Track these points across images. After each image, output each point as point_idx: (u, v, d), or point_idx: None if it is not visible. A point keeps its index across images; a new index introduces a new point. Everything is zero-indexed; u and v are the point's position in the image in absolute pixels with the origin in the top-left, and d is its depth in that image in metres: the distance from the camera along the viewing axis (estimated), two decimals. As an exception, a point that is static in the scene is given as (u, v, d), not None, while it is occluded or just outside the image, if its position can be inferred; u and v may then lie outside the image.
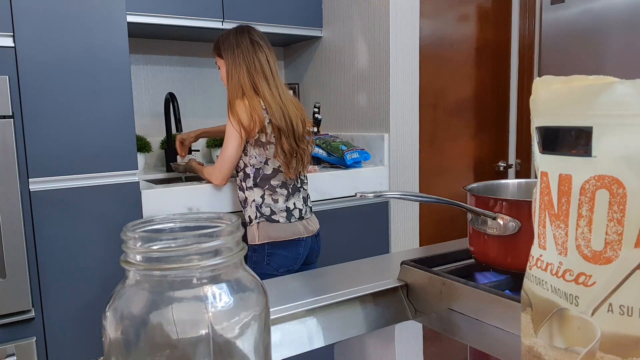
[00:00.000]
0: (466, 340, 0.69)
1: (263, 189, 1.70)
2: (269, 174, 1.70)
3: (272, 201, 1.70)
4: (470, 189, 0.83)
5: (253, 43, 1.70)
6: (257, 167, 1.69)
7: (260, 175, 1.70)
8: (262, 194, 1.70)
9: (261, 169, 1.69)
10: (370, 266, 0.94)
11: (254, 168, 1.69)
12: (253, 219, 1.71)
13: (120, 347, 0.38)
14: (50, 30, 1.52)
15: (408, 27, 2.21)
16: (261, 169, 1.69)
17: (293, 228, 1.72)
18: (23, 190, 1.51)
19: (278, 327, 0.71)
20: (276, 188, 1.71)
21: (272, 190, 1.70)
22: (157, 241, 0.39)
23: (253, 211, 1.71)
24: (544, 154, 0.40)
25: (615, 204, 0.34)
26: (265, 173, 1.70)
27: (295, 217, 1.74)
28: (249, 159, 1.69)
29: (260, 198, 1.70)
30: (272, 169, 1.70)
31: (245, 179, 1.72)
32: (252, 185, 1.70)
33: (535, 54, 2.59)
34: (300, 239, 1.74)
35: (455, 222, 2.54)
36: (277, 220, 1.70)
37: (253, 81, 1.67)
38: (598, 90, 0.35)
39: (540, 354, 0.40)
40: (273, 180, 1.70)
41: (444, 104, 2.48)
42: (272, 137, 1.67)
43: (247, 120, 1.63)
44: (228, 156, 1.70)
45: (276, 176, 1.71)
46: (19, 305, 1.51)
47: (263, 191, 1.70)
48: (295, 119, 1.70)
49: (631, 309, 0.34)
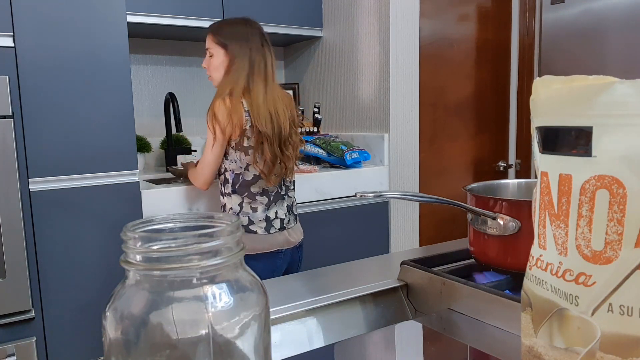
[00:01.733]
0: (466, 340, 0.69)
1: (242, 196, 1.60)
2: (249, 180, 1.60)
3: (251, 210, 1.61)
4: (470, 189, 0.83)
5: (263, 40, 1.62)
6: (236, 173, 1.59)
7: (239, 182, 1.60)
8: (240, 201, 1.61)
9: (241, 175, 1.59)
10: (370, 266, 0.94)
11: (234, 173, 1.60)
12: None
13: (120, 347, 0.38)
14: (50, 30, 1.52)
15: (408, 27, 2.21)
16: (241, 174, 1.59)
17: (271, 240, 1.62)
18: (23, 190, 1.51)
19: (278, 327, 0.71)
20: (256, 196, 1.61)
21: (252, 198, 1.60)
22: (157, 241, 0.39)
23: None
24: (544, 154, 0.40)
25: (615, 204, 0.34)
26: (245, 179, 1.60)
27: (275, 228, 1.63)
28: (230, 163, 1.60)
29: (238, 206, 1.61)
30: (252, 175, 1.60)
31: (225, 184, 1.63)
32: (231, 192, 1.61)
33: (535, 54, 2.59)
34: (279, 250, 1.64)
35: (455, 222, 2.54)
36: (255, 231, 1.61)
37: (249, 81, 1.57)
38: (598, 90, 0.35)
39: (540, 354, 0.40)
40: (253, 187, 1.60)
41: (444, 104, 2.48)
42: (253, 141, 1.57)
43: (225, 122, 1.53)
44: (207, 159, 1.59)
45: (257, 182, 1.60)
46: (19, 305, 1.51)
47: (242, 199, 1.60)
48: (284, 121, 1.60)
49: (631, 308, 0.34)
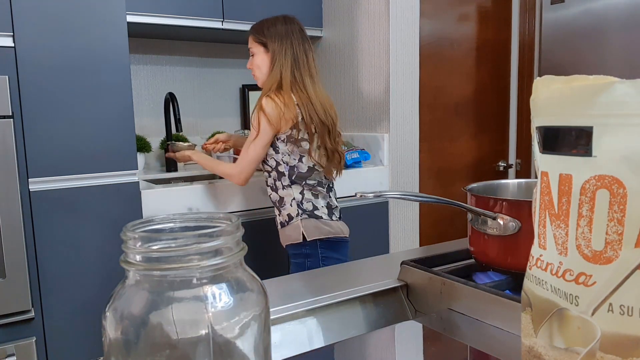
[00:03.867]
0: (466, 340, 0.69)
1: (301, 185, 1.61)
2: (304, 172, 1.61)
3: (313, 197, 1.62)
4: (470, 189, 0.83)
5: (303, 36, 1.62)
6: (291, 165, 1.60)
7: (295, 173, 1.61)
8: (301, 190, 1.61)
9: (296, 167, 1.60)
10: (370, 266, 0.94)
11: (288, 166, 1.60)
12: (294, 216, 1.61)
13: (120, 347, 0.38)
14: (50, 30, 1.52)
15: (408, 27, 2.21)
16: (296, 166, 1.60)
17: (336, 226, 1.64)
18: (23, 190, 1.51)
19: (278, 327, 0.71)
20: (315, 186, 1.63)
21: (312, 187, 1.62)
22: (157, 241, 0.39)
23: (294, 209, 1.61)
24: (544, 154, 0.40)
25: (616, 204, 0.34)
26: (300, 171, 1.61)
27: (336, 216, 1.66)
28: (282, 156, 1.60)
29: (299, 194, 1.61)
30: (307, 168, 1.61)
31: (280, 177, 1.62)
32: (290, 183, 1.61)
33: (535, 54, 2.59)
34: (344, 239, 1.66)
35: (455, 222, 2.54)
36: (320, 216, 1.61)
37: (296, 76, 1.59)
38: (598, 90, 0.35)
39: (540, 354, 0.40)
40: (309, 180, 1.62)
41: (444, 104, 2.48)
42: (305, 134, 1.59)
43: (277, 117, 1.54)
44: (254, 155, 1.59)
45: (311, 175, 1.62)
46: (19, 305, 1.50)
47: (302, 187, 1.61)
48: (334, 116, 1.64)
49: (631, 308, 0.34)
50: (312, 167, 1.62)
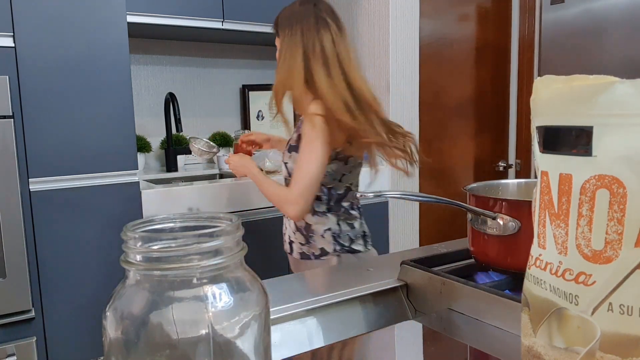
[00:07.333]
0: (466, 340, 0.69)
1: (337, 213, 1.36)
2: (341, 193, 1.37)
3: (349, 227, 1.37)
4: (470, 189, 0.83)
5: (317, 20, 1.32)
6: (329, 187, 1.35)
7: (334, 197, 1.35)
8: (337, 219, 1.35)
9: (333, 189, 1.35)
10: (370, 266, 0.94)
11: (326, 188, 1.35)
12: (330, 252, 1.34)
13: (120, 347, 0.38)
14: (50, 30, 1.52)
15: (408, 27, 2.21)
16: (333, 187, 1.35)
17: (373, 254, 1.41)
18: (23, 190, 1.51)
19: (278, 327, 0.71)
20: (350, 210, 1.38)
21: (347, 213, 1.37)
22: (157, 241, 0.39)
23: (329, 242, 1.34)
24: (544, 154, 0.40)
25: (616, 204, 0.34)
26: (338, 193, 1.36)
27: (370, 243, 1.42)
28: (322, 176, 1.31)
29: (336, 225, 1.35)
30: (344, 187, 1.37)
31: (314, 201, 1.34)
32: (326, 210, 1.35)
33: (535, 54, 2.59)
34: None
35: (455, 222, 2.54)
36: (358, 250, 1.36)
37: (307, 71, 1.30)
38: (598, 90, 0.35)
39: (540, 353, 0.40)
40: (344, 202, 1.38)
41: (444, 104, 2.48)
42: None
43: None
44: (314, 176, 1.26)
45: (347, 196, 1.38)
46: (19, 305, 1.50)
47: (337, 216, 1.35)
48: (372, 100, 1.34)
49: (631, 308, 0.34)
50: (349, 185, 1.38)
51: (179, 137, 2.44)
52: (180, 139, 2.45)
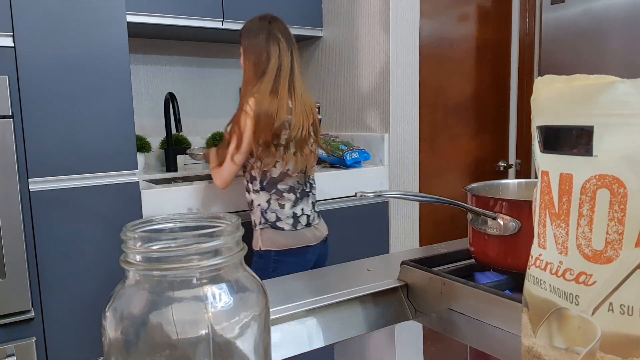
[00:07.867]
0: (466, 340, 0.69)
1: (270, 193, 1.62)
2: (276, 177, 1.62)
3: (279, 207, 1.63)
4: (470, 189, 0.83)
5: (267, 36, 1.61)
6: (264, 170, 1.61)
7: (267, 179, 1.62)
8: (268, 198, 1.62)
9: (268, 172, 1.61)
10: (370, 266, 0.94)
11: (261, 170, 1.61)
12: (257, 224, 1.65)
13: (120, 347, 0.37)
14: (50, 30, 1.52)
15: (408, 27, 2.21)
16: (268, 171, 1.61)
17: (300, 236, 1.65)
18: (23, 190, 1.51)
19: (278, 327, 0.71)
20: (283, 193, 1.63)
21: (279, 195, 1.62)
22: (157, 241, 0.39)
23: (258, 216, 1.64)
24: (544, 153, 0.40)
25: (616, 204, 0.34)
26: (272, 176, 1.62)
27: (302, 224, 1.66)
28: (256, 160, 1.60)
29: (266, 203, 1.63)
30: (279, 172, 1.61)
31: (252, 180, 1.64)
32: (259, 189, 1.63)
33: (535, 54, 2.59)
34: (308, 246, 1.67)
35: (455, 222, 2.54)
36: (282, 227, 1.63)
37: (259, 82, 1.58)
38: (599, 89, 0.35)
39: (540, 354, 0.40)
40: (280, 185, 1.62)
41: (444, 104, 2.47)
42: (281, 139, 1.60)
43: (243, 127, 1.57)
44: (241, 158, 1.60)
45: (284, 180, 1.63)
46: (19, 305, 1.50)
47: (270, 195, 1.62)
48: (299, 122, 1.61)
49: (631, 308, 0.34)
50: (285, 171, 1.62)
51: (178, 137, 2.44)
52: (180, 139, 2.45)
